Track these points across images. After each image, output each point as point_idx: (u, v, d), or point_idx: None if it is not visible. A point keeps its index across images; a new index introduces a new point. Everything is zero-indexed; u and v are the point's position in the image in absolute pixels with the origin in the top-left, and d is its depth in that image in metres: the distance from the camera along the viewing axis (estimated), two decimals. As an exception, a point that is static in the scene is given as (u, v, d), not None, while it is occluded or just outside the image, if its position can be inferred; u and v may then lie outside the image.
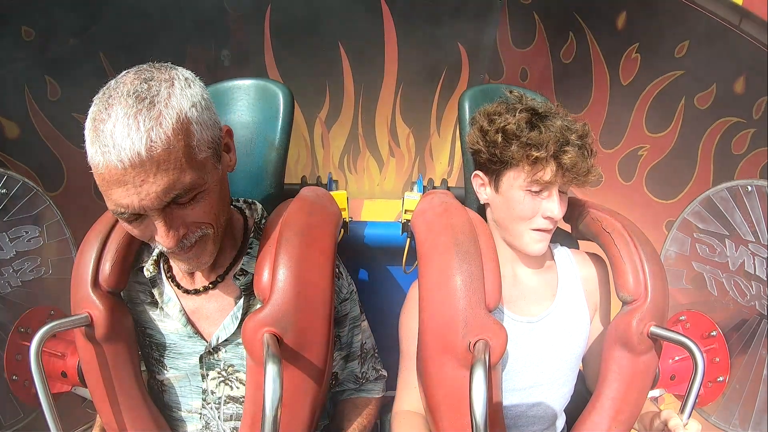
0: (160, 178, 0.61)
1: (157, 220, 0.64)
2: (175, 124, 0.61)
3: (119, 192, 0.61)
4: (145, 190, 0.60)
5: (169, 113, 0.61)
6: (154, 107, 0.60)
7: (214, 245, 0.74)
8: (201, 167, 0.65)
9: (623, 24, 1.77)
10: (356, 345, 0.94)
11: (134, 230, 0.68)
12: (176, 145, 0.61)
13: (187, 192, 0.64)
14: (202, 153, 0.66)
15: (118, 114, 0.59)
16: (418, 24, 2.38)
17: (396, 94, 2.64)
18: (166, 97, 0.62)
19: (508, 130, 0.84)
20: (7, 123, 1.46)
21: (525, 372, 0.92)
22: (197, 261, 0.73)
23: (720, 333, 1.30)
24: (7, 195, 1.35)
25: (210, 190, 0.68)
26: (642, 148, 1.79)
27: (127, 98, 0.60)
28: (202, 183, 0.66)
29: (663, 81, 1.66)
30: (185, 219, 0.67)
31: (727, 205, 1.39)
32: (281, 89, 1.02)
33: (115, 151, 0.58)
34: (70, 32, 1.61)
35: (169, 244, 0.66)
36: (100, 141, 0.59)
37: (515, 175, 0.85)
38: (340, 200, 1.00)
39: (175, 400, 0.87)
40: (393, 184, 2.96)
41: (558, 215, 0.85)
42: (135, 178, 0.60)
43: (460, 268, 0.76)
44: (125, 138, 0.58)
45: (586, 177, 0.84)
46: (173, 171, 0.61)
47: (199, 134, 0.65)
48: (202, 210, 0.68)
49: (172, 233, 0.65)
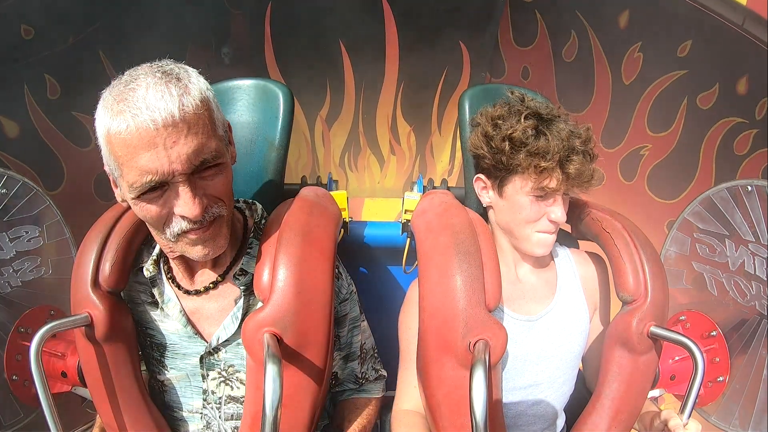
0: (191, 140, 0.64)
1: (183, 187, 0.66)
2: (200, 95, 0.66)
3: (147, 156, 0.62)
4: (176, 151, 0.63)
5: (194, 87, 0.66)
6: (181, 81, 0.65)
7: (227, 228, 0.75)
8: (221, 140, 0.70)
9: (625, 23, 1.76)
10: (356, 345, 0.94)
11: (151, 207, 0.67)
12: (203, 114, 0.66)
13: (214, 158, 0.67)
14: (220, 129, 0.71)
15: (149, 83, 0.63)
16: (420, 22, 2.37)
17: (397, 92, 2.64)
18: (187, 77, 0.67)
19: (515, 138, 0.83)
20: (6, 122, 1.46)
21: (525, 370, 0.92)
22: (213, 243, 0.73)
23: (720, 333, 1.30)
24: (7, 195, 1.35)
25: (227, 167, 0.72)
26: (644, 148, 1.79)
27: (154, 74, 0.65)
28: (223, 153, 0.70)
29: (665, 80, 1.66)
30: (206, 190, 0.69)
31: (727, 205, 1.39)
32: (281, 89, 1.02)
33: (148, 112, 0.61)
34: (70, 31, 1.61)
35: (195, 211, 0.66)
36: (130, 106, 0.62)
37: (521, 182, 0.86)
38: (340, 200, 0.99)
39: (176, 401, 0.88)
40: (394, 182, 2.95)
41: (562, 219, 0.86)
42: (167, 140, 0.62)
43: (460, 268, 0.76)
44: (159, 100, 0.62)
45: (589, 182, 0.85)
46: (202, 135, 0.65)
47: (216, 112, 0.71)
48: (221, 183, 0.70)
49: (197, 201, 0.66)
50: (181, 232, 0.69)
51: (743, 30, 1.35)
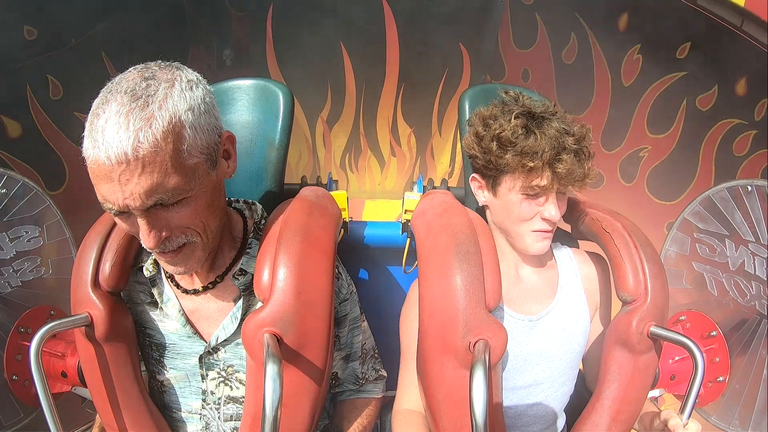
0: (144, 179, 0.61)
1: (140, 219, 0.65)
2: (166, 126, 0.61)
3: (106, 187, 0.62)
4: (129, 189, 0.61)
5: (162, 115, 0.61)
6: (147, 107, 0.61)
7: (203, 252, 0.73)
8: (189, 172, 0.65)
9: (625, 25, 1.77)
10: (356, 345, 0.94)
11: (123, 225, 0.68)
12: (164, 148, 0.61)
13: (171, 196, 0.64)
14: (192, 158, 0.65)
15: (111, 110, 0.60)
16: (420, 24, 2.38)
17: (397, 93, 2.64)
18: (161, 98, 0.62)
19: (502, 137, 0.83)
20: (9, 122, 1.46)
21: (526, 370, 0.92)
22: (183, 266, 0.73)
23: (720, 333, 1.29)
24: (7, 195, 1.35)
25: (197, 196, 0.68)
26: (643, 150, 1.79)
27: (123, 95, 0.61)
28: (187, 188, 0.65)
29: (665, 82, 1.66)
30: (169, 222, 0.67)
31: (727, 205, 1.39)
32: (281, 89, 1.03)
33: (103, 147, 0.59)
34: (72, 32, 1.62)
35: (149, 244, 0.66)
36: (93, 135, 0.60)
37: (512, 181, 0.85)
38: (340, 200, 1.00)
39: (175, 401, 0.88)
40: (394, 184, 2.96)
41: (556, 217, 0.85)
42: (120, 176, 0.60)
43: (460, 268, 0.76)
44: (114, 135, 0.59)
45: (582, 181, 0.84)
46: (158, 174, 0.61)
47: (192, 139, 0.65)
48: (187, 215, 0.67)
49: (153, 234, 0.65)
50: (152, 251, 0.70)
51: (742, 31, 1.35)
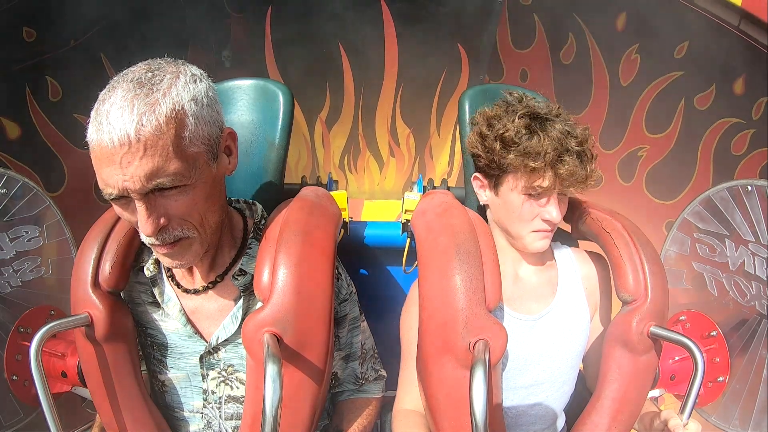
0: (145, 162, 0.62)
1: (139, 203, 0.65)
2: (169, 112, 0.63)
3: (107, 171, 0.63)
4: (130, 171, 0.62)
5: (165, 102, 0.63)
6: (152, 94, 0.63)
7: (200, 246, 0.74)
8: (190, 160, 0.66)
9: (623, 25, 1.77)
10: (356, 345, 0.94)
11: (123, 213, 0.68)
12: (166, 132, 0.63)
13: (171, 181, 0.65)
14: (194, 146, 0.67)
15: (117, 96, 0.62)
16: (418, 24, 2.39)
17: (396, 94, 2.65)
18: (166, 87, 0.64)
19: (506, 137, 0.83)
20: (8, 123, 1.46)
21: (526, 370, 0.92)
22: (180, 259, 0.73)
23: (720, 333, 1.30)
24: (7, 195, 1.35)
25: (196, 186, 0.68)
26: (642, 149, 1.80)
27: (129, 83, 0.63)
28: (187, 175, 0.66)
29: (662, 82, 1.67)
30: (168, 210, 0.67)
31: (727, 205, 1.39)
32: (281, 89, 1.03)
33: (107, 130, 0.61)
34: (71, 33, 1.62)
35: (146, 230, 0.66)
36: (97, 119, 0.62)
37: (514, 181, 0.85)
38: (340, 200, 1.00)
39: (177, 400, 0.88)
40: (393, 184, 2.96)
41: (557, 218, 0.85)
42: (122, 159, 0.62)
43: (460, 268, 0.76)
44: (118, 118, 0.61)
45: (584, 183, 0.84)
46: (159, 157, 0.63)
47: (194, 128, 0.66)
48: (185, 204, 0.68)
49: (151, 220, 0.66)
50: (149, 242, 0.70)
51: (739, 31, 1.36)
